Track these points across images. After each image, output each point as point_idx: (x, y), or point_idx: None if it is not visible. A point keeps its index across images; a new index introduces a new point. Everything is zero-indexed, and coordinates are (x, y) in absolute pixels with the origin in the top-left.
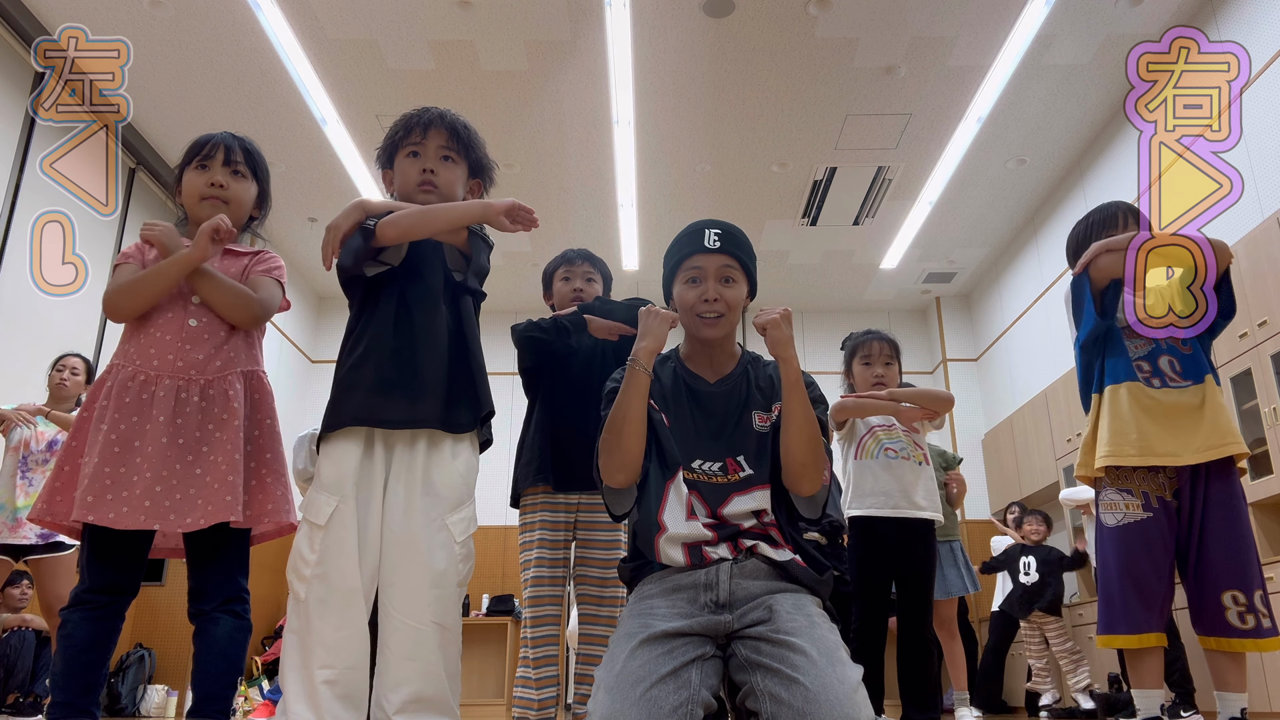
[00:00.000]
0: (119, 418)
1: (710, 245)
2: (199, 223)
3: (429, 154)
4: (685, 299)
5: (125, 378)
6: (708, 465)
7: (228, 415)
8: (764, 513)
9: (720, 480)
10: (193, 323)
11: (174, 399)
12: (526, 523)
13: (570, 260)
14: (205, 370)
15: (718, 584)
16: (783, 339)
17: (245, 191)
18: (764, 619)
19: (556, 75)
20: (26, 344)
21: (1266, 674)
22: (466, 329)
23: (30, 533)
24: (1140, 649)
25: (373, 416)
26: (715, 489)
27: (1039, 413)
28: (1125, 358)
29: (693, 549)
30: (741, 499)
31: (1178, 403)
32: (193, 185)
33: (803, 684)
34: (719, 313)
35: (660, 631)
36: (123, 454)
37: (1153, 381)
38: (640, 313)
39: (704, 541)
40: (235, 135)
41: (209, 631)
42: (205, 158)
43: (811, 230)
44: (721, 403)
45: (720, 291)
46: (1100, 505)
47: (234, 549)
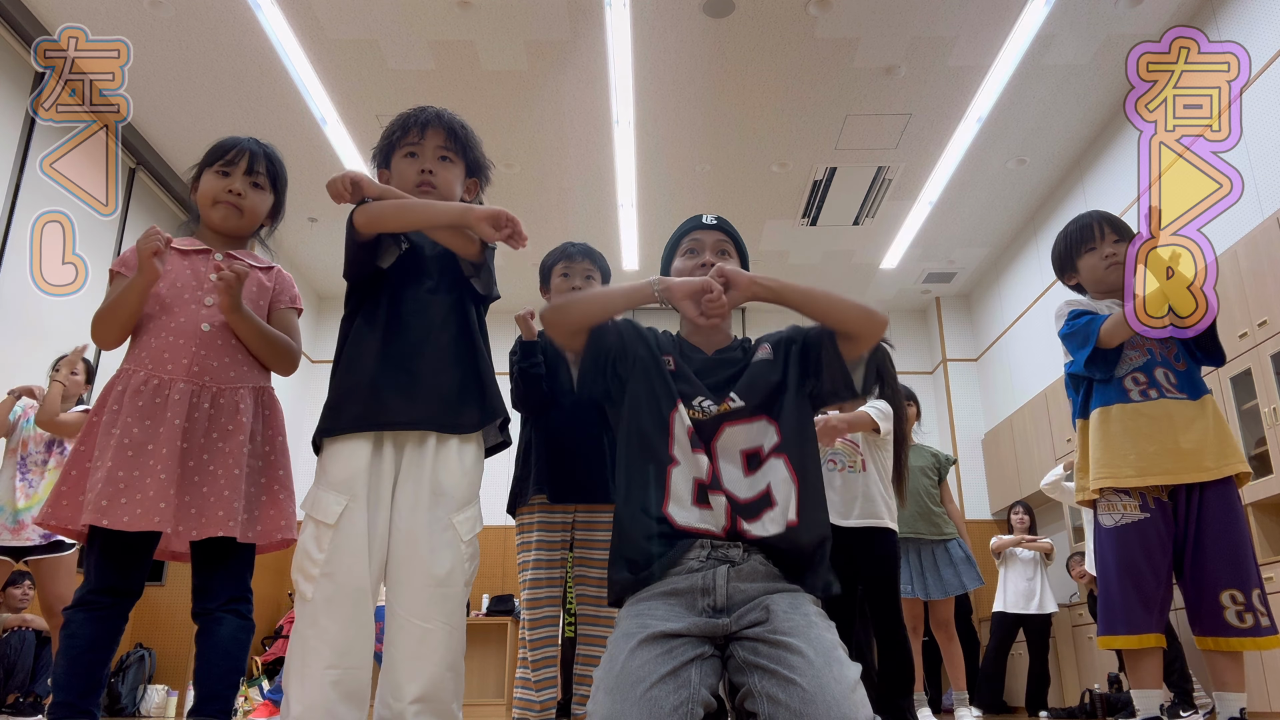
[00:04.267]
0: (132, 421)
1: (708, 222)
2: (210, 225)
3: (427, 154)
4: (684, 269)
5: (138, 382)
6: (706, 403)
7: (233, 428)
8: (757, 450)
9: (714, 414)
10: (206, 327)
11: (188, 403)
12: (524, 532)
13: (570, 256)
14: (219, 378)
15: (715, 588)
16: (736, 271)
17: (261, 202)
18: (761, 620)
19: (556, 75)
20: (26, 344)
21: (1266, 674)
22: (472, 332)
23: (32, 533)
24: (1140, 649)
25: (372, 419)
26: (708, 423)
27: (1039, 413)
28: (1114, 379)
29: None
30: (733, 430)
31: (1173, 414)
32: (210, 188)
33: (799, 684)
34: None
35: (659, 632)
36: (136, 457)
37: (1149, 393)
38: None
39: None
40: (260, 143)
41: (213, 631)
42: (228, 163)
43: (811, 230)
44: (716, 364)
45: (717, 261)
46: (1098, 506)
47: (239, 553)
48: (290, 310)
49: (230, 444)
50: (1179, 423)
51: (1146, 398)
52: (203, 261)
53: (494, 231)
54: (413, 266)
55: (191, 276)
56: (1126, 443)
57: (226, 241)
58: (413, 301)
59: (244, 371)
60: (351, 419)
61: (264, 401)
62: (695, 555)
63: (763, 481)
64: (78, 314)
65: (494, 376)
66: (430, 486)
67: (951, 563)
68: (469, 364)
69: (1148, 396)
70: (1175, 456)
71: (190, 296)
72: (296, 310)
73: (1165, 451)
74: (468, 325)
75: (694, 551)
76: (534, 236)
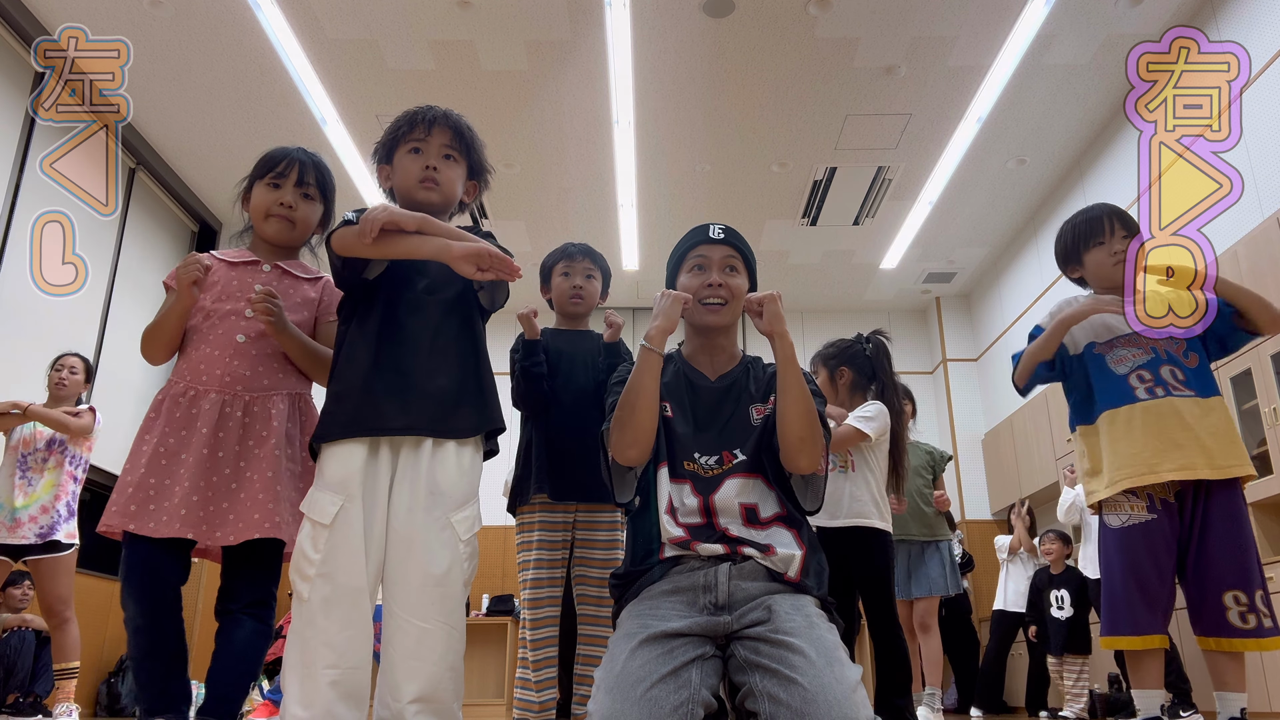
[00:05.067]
0: (168, 431)
1: (715, 236)
2: (264, 237)
3: (432, 151)
4: (689, 286)
5: (176, 393)
6: (705, 459)
7: (267, 433)
8: (755, 507)
9: (715, 473)
10: (240, 338)
11: (218, 413)
12: (525, 530)
13: (571, 255)
14: (252, 387)
15: (716, 586)
16: (778, 314)
17: (312, 213)
18: (763, 619)
19: (556, 75)
20: (27, 344)
21: (1266, 674)
22: (472, 334)
23: (29, 533)
24: (1143, 650)
25: (365, 425)
26: (709, 481)
27: (1039, 413)
28: (1115, 380)
29: (693, 529)
30: (731, 483)
31: (1182, 412)
32: (261, 201)
33: (801, 684)
34: (723, 299)
35: (660, 632)
36: (168, 466)
37: (1156, 391)
38: (657, 296)
39: (696, 525)
40: (308, 152)
41: (230, 632)
42: (279, 175)
43: (811, 230)
44: (719, 398)
45: (725, 279)
46: (1104, 508)
47: (267, 557)
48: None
49: (264, 449)
50: (1189, 420)
51: (1153, 395)
52: (250, 273)
53: (475, 271)
54: (408, 268)
55: (238, 288)
56: (1138, 441)
57: (278, 252)
58: (408, 304)
59: (279, 379)
60: (345, 424)
61: (300, 407)
62: (696, 555)
63: (765, 539)
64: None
65: (493, 382)
66: (427, 486)
67: (941, 562)
68: (467, 367)
69: (1154, 395)
70: (1187, 452)
71: (232, 308)
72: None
73: (1176, 446)
74: (468, 327)
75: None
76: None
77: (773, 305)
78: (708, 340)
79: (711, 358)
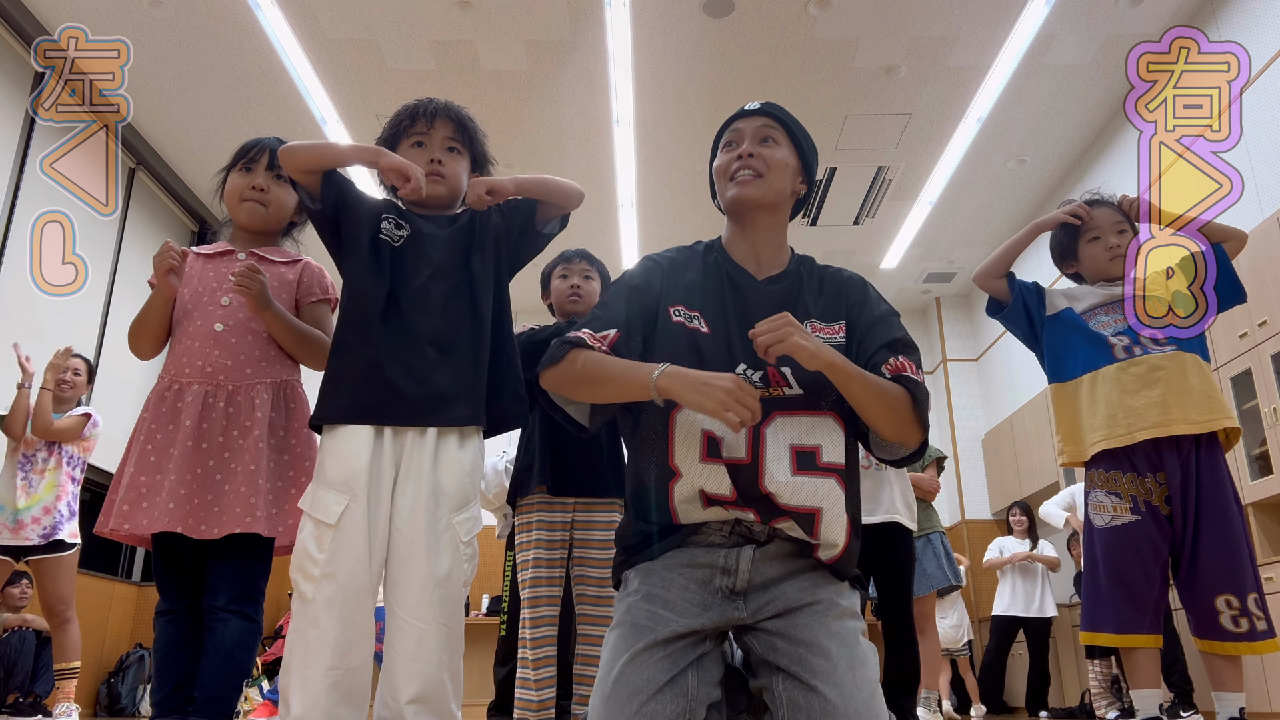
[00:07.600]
0: (155, 428)
1: (750, 108)
2: (239, 224)
3: (435, 144)
4: (721, 164)
5: (162, 388)
6: (748, 372)
7: (250, 424)
8: (816, 451)
9: (761, 395)
10: (219, 327)
11: (201, 404)
12: (524, 525)
13: (568, 259)
14: (234, 376)
15: (737, 570)
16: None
17: (286, 196)
18: (781, 611)
19: (556, 75)
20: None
21: (1266, 674)
22: (479, 321)
23: (33, 534)
24: (1133, 649)
25: (367, 411)
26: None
27: (1039, 413)
28: (1093, 340)
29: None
30: (785, 421)
31: (1159, 367)
32: (235, 187)
33: (823, 693)
34: (754, 169)
35: (660, 639)
36: (157, 462)
37: (1133, 350)
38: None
39: (739, 463)
40: (281, 140)
41: (217, 631)
42: (250, 160)
43: (811, 230)
44: (770, 302)
45: (757, 149)
46: (1089, 505)
47: (253, 551)
48: (321, 303)
49: (248, 440)
50: (1164, 375)
51: (1130, 354)
52: (225, 263)
53: (401, 181)
54: (413, 251)
55: (213, 279)
56: (1114, 401)
57: (255, 239)
58: (412, 292)
59: (262, 368)
60: (345, 409)
61: (286, 395)
62: (719, 529)
63: (812, 499)
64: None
65: (504, 375)
66: (430, 487)
67: (935, 555)
68: (472, 358)
69: (1131, 354)
70: (1162, 409)
71: (209, 299)
72: (329, 301)
73: (1152, 405)
74: (475, 314)
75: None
76: None
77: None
78: (748, 226)
79: (755, 249)
